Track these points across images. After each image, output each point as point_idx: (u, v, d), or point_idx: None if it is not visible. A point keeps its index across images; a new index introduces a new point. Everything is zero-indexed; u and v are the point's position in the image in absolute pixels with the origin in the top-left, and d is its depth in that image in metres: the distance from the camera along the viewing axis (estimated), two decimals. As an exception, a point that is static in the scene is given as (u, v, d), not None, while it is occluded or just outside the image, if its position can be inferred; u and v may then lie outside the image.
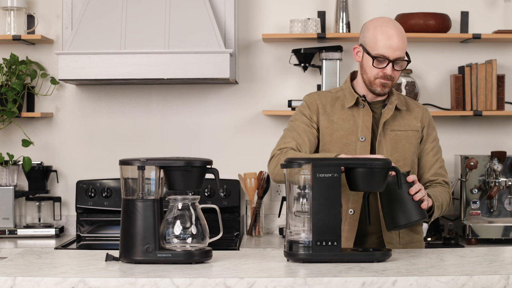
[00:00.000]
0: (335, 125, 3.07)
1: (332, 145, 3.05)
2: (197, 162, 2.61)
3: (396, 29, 2.99)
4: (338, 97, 3.13)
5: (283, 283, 2.31)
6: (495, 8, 4.57)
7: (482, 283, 2.33)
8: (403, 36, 2.99)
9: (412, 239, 3.09)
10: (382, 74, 3.00)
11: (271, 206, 4.60)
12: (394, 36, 2.97)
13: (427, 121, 3.15)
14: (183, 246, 2.59)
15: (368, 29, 3.03)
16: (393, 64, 2.99)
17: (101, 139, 4.60)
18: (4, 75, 4.42)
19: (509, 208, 4.34)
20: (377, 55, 2.98)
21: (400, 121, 3.08)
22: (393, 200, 2.83)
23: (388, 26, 2.99)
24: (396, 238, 3.04)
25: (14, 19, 4.42)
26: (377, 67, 3.00)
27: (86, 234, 4.46)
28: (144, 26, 4.20)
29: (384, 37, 2.97)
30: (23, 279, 2.32)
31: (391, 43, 2.96)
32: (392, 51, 2.97)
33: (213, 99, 4.59)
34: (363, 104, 3.07)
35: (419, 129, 3.11)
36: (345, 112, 3.09)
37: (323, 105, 3.11)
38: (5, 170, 4.44)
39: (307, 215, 2.60)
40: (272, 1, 4.58)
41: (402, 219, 2.81)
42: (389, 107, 3.07)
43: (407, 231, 3.07)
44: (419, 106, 3.17)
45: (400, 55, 2.98)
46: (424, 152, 3.12)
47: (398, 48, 2.97)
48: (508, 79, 4.55)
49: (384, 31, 2.98)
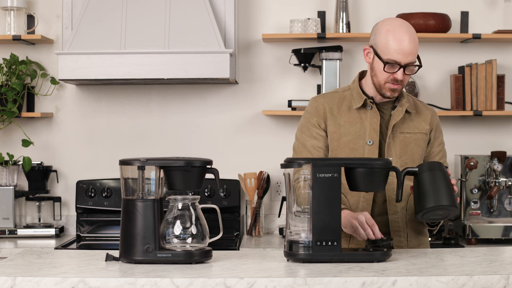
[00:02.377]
0: (342, 129, 3.03)
1: (340, 150, 3.02)
2: (197, 162, 2.61)
3: (409, 34, 2.92)
4: (345, 97, 3.09)
5: (283, 283, 2.31)
6: (495, 8, 4.57)
7: (482, 283, 2.33)
8: (415, 40, 2.93)
9: (420, 242, 3.08)
10: (393, 78, 2.94)
11: (271, 206, 4.60)
12: (406, 41, 2.91)
13: (436, 124, 3.12)
14: (183, 246, 2.58)
15: (380, 31, 2.97)
16: (404, 69, 2.94)
17: (101, 139, 4.60)
18: (4, 75, 4.42)
19: (509, 208, 4.34)
20: (389, 60, 2.92)
21: (409, 123, 3.05)
22: (438, 180, 2.74)
23: (400, 31, 2.92)
24: (405, 242, 3.03)
25: (14, 19, 4.43)
26: (388, 71, 2.94)
27: (86, 234, 4.46)
28: (144, 26, 4.20)
29: (397, 42, 2.91)
30: (23, 279, 2.32)
31: (403, 48, 2.90)
32: (404, 56, 2.91)
33: (213, 99, 4.59)
34: (371, 106, 3.03)
35: (427, 131, 3.08)
36: (352, 114, 3.05)
37: (330, 107, 3.07)
38: (5, 170, 4.44)
39: (307, 215, 2.60)
40: (272, 1, 4.58)
41: (431, 201, 2.71)
42: (400, 110, 3.03)
43: (414, 233, 3.05)
44: (428, 109, 3.14)
45: (412, 60, 2.93)
46: (430, 156, 3.10)
47: (410, 53, 2.91)
48: (508, 79, 4.55)
49: (397, 36, 2.91)
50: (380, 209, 3.02)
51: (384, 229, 2.98)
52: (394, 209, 3.01)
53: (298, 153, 3.09)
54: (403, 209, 3.02)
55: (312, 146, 3.06)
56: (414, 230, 3.06)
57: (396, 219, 3.01)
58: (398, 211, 3.01)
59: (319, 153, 3.05)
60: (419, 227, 3.08)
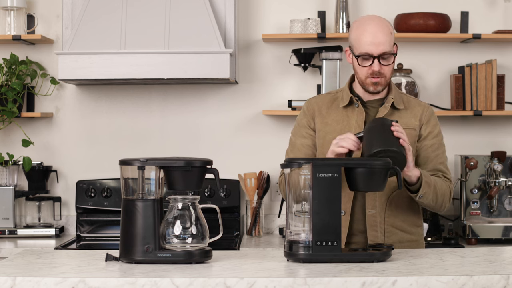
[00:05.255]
0: (328, 127, 3.10)
1: (325, 147, 3.06)
2: (197, 162, 2.61)
3: (377, 25, 2.99)
4: (336, 98, 3.16)
5: (283, 283, 2.31)
6: (495, 8, 4.57)
7: (482, 283, 2.33)
8: (386, 31, 2.99)
9: (401, 239, 3.08)
10: (371, 72, 3.01)
11: (271, 206, 4.60)
12: (375, 32, 2.98)
13: (427, 119, 3.13)
14: (183, 246, 2.58)
15: (352, 29, 3.06)
16: (379, 60, 2.99)
17: (101, 139, 4.60)
18: (4, 75, 4.42)
19: (509, 208, 4.34)
20: (361, 54, 3.00)
21: (398, 119, 3.07)
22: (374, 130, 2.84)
23: (368, 23, 3.00)
24: (381, 237, 3.04)
25: (14, 19, 4.42)
26: (364, 65, 3.01)
27: (86, 234, 4.46)
28: (144, 26, 4.20)
29: (365, 35, 2.98)
30: (23, 279, 2.32)
31: (372, 39, 2.97)
32: (374, 47, 2.97)
33: (213, 99, 4.59)
34: (358, 104, 3.09)
35: (416, 127, 3.11)
36: (340, 113, 3.11)
37: (319, 107, 3.15)
38: (5, 170, 4.44)
39: (307, 215, 2.60)
40: (272, 1, 4.58)
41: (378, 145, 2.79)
42: (385, 106, 3.08)
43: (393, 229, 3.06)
44: (421, 105, 3.16)
45: (384, 49, 2.98)
46: (422, 149, 3.11)
47: (380, 43, 2.97)
48: (508, 79, 4.55)
49: (365, 29, 2.99)
50: (361, 203, 3.05)
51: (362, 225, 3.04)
52: (373, 204, 3.04)
53: (289, 152, 3.18)
54: (383, 204, 3.04)
55: (301, 144, 3.15)
56: (395, 226, 3.07)
57: (373, 214, 3.04)
58: (377, 206, 3.04)
59: (307, 150, 3.13)
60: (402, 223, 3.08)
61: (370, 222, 3.04)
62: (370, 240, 3.03)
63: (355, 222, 3.06)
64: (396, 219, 3.07)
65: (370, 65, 3.00)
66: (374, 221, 3.04)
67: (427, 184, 2.96)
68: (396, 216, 3.07)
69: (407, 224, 3.10)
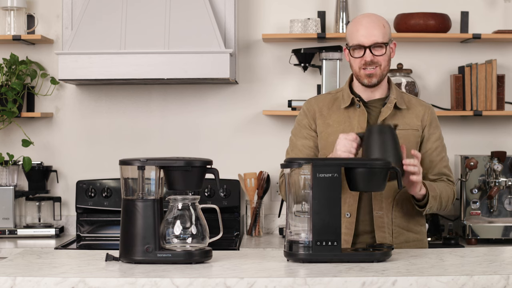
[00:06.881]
0: (330, 129, 3.09)
1: (327, 149, 3.06)
2: (197, 162, 2.61)
3: (369, 18, 3.06)
4: (337, 98, 3.16)
5: (283, 283, 2.31)
6: (495, 8, 4.57)
7: (482, 283, 2.33)
8: (378, 24, 3.05)
9: (408, 239, 3.09)
10: (364, 62, 3.03)
11: (271, 206, 4.60)
12: (366, 24, 3.04)
13: (429, 120, 3.13)
14: (183, 246, 2.58)
15: (348, 26, 3.14)
16: (371, 50, 3.02)
17: (101, 139, 4.60)
18: (4, 75, 4.42)
19: (509, 208, 4.34)
20: (353, 45, 3.04)
21: (400, 119, 3.08)
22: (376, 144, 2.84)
23: (362, 18, 3.08)
24: (389, 238, 3.04)
25: (14, 19, 4.43)
26: (356, 56, 3.04)
27: (86, 234, 4.46)
28: (144, 26, 4.20)
29: (358, 27, 3.04)
30: (23, 279, 2.32)
31: (364, 30, 3.03)
32: (365, 37, 3.02)
33: (213, 99, 4.59)
34: (359, 105, 3.09)
35: (419, 128, 3.10)
36: (341, 113, 3.11)
37: (319, 108, 3.15)
38: (5, 170, 4.44)
39: (307, 215, 2.60)
40: (272, 1, 4.58)
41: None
42: (388, 106, 3.07)
43: (400, 230, 3.06)
44: (423, 105, 3.16)
45: (376, 40, 3.02)
46: (427, 153, 3.11)
47: (372, 34, 3.02)
48: (508, 79, 4.55)
49: (359, 23, 3.06)
50: (366, 205, 3.05)
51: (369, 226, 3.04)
52: (379, 205, 3.04)
53: (289, 152, 3.18)
54: (389, 205, 3.04)
55: (302, 145, 3.14)
56: (402, 227, 3.08)
57: (381, 215, 3.04)
58: (384, 207, 3.04)
59: (308, 152, 3.13)
60: (408, 223, 3.09)
61: (377, 223, 3.04)
62: (378, 242, 3.03)
63: (360, 224, 3.05)
64: (403, 219, 3.08)
65: (363, 55, 3.03)
66: (381, 222, 3.04)
67: (434, 198, 3.00)
68: (402, 217, 3.07)
69: (413, 224, 3.11)
